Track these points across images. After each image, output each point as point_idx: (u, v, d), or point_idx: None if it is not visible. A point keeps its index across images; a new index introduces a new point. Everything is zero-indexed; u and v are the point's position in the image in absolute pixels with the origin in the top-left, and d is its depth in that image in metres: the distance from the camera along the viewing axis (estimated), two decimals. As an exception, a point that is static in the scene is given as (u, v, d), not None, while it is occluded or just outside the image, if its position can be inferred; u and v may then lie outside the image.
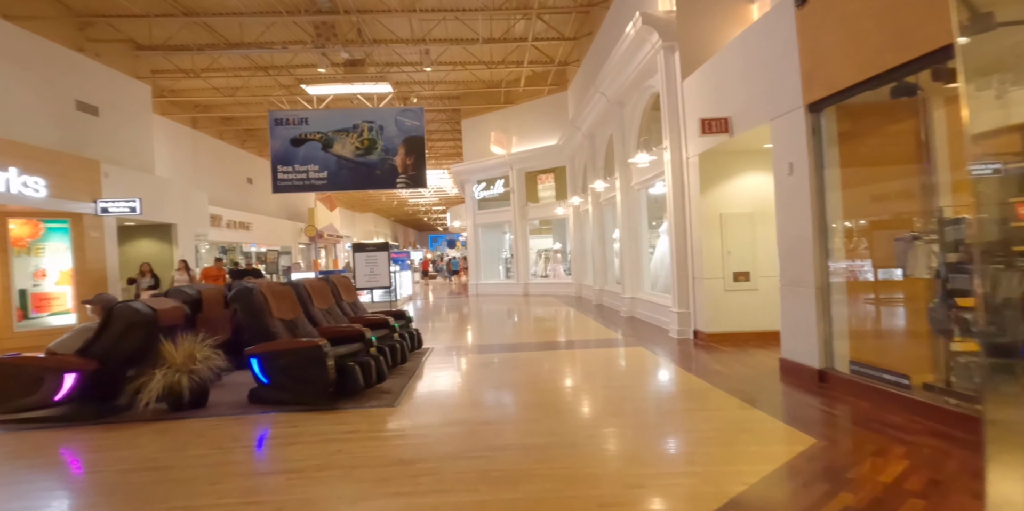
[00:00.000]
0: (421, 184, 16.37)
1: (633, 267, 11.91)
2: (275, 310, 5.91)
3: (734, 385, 5.67)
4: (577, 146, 16.93)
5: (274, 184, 15.85)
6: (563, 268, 20.01)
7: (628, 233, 11.97)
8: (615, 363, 7.35)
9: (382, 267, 12.84)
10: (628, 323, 11.00)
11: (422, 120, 16.47)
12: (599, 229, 14.97)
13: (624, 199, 12.00)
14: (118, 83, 14.00)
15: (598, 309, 13.89)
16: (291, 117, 16.08)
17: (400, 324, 8.13)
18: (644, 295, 11.53)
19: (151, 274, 12.23)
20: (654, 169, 10.14)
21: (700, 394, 5.43)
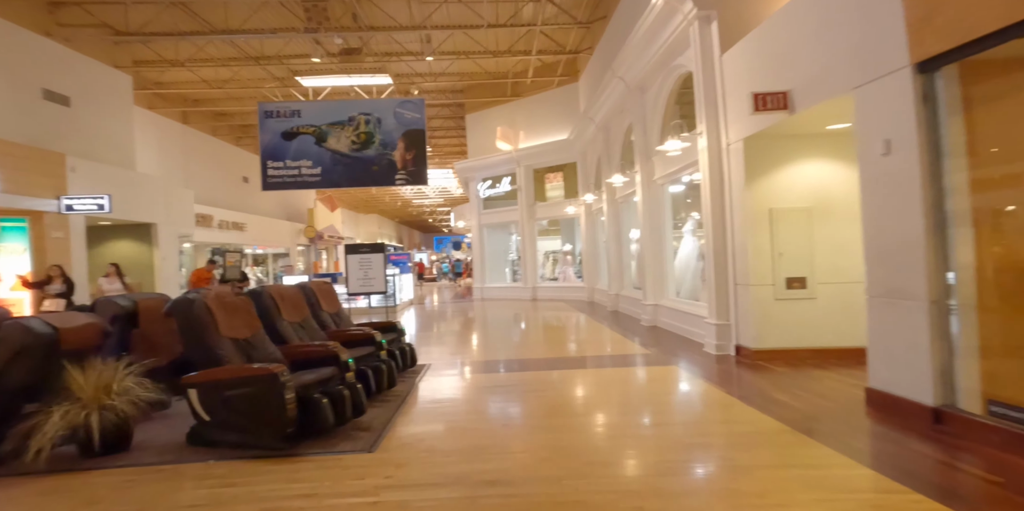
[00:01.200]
0: (422, 181, 15.09)
1: (656, 271, 10.57)
2: (223, 327, 4.61)
3: (814, 424, 4.33)
4: (589, 140, 15.62)
5: (264, 181, 14.61)
6: (573, 271, 18.68)
7: (650, 233, 10.63)
8: (650, 388, 6.02)
9: (377, 270, 11.56)
10: (652, 334, 9.66)
11: (423, 112, 15.21)
12: (615, 228, 13.64)
13: (645, 195, 10.67)
14: (93, 72, 12.80)
15: (614, 317, 12.55)
16: (282, 109, 14.85)
17: (389, 339, 6.84)
18: (669, 302, 10.19)
19: (63, 278, 9.45)
20: (683, 160, 8.81)
21: (774, 439, 4.09)
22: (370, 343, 6.25)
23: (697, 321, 8.55)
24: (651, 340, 8.98)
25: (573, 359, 7.76)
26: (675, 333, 9.47)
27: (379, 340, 6.28)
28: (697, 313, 8.63)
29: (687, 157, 8.52)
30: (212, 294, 4.80)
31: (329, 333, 6.34)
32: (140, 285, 12.69)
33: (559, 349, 8.75)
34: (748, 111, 5.99)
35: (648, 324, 10.64)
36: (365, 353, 6.05)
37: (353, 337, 6.25)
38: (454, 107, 21.99)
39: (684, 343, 8.47)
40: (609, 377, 6.53)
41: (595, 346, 8.95)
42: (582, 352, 8.39)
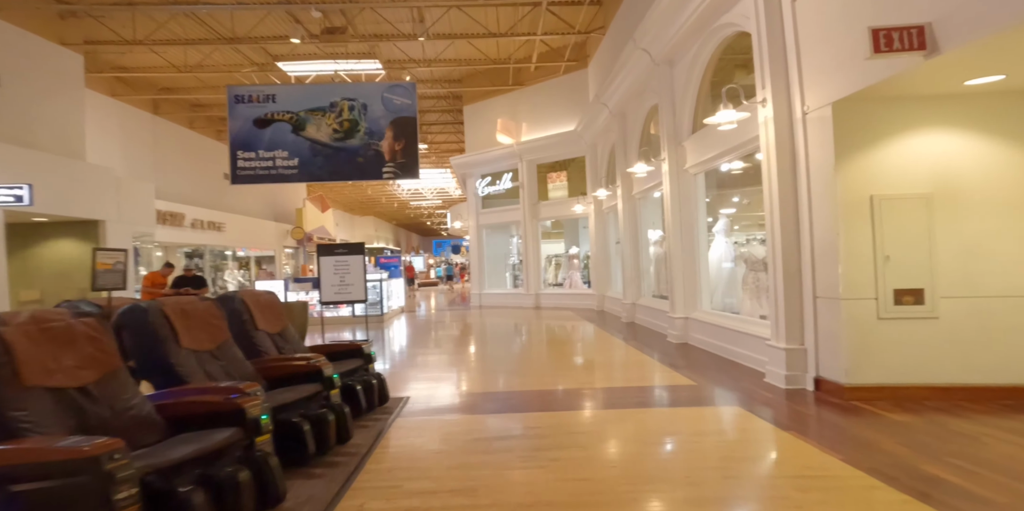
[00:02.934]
0: (413, 174, 13.25)
1: (687, 278, 8.73)
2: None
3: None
4: (601, 129, 13.79)
5: (233, 174, 12.76)
6: (579, 276, 16.82)
7: (680, 232, 8.80)
8: (720, 447, 4.15)
9: (356, 275, 9.70)
10: (686, 355, 7.80)
11: (414, 97, 13.38)
12: (632, 228, 11.80)
13: (674, 187, 8.83)
14: (31, 49, 10.96)
15: (632, 330, 10.70)
16: (255, 93, 13.02)
17: (350, 369, 5.03)
18: (705, 316, 8.35)
19: None
20: (733, 139, 6.98)
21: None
22: (315, 378, 4.40)
23: (749, 341, 6.70)
24: (689, 364, 7.12)
25: (597, 393, 5.91)
26: (716, 354, 7.61)
27: (330, 375, 4.42)
28: (750, 332, 6.78)
29: (742, 134, 6.68)
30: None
31: (258, 363, 4.46)
32: (84, 292, 10.83)
33: (576, 376, 6.89)
34: (862, 54, 4.15)
35: (677, 340, 8.79)
36: (307, 394, 4.20)
37: (291, 372, 4.40)
38: (451, 99, 20.17)
39: (733, 370, 6.61)
40: (655, 425, 4.67)
41: (621, 372, 7.08)
42: (607, 381, 6.52)
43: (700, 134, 8.23)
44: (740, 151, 7.15)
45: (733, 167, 8.75)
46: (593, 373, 7.06)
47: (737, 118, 5.84)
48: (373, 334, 11.83)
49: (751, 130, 6.42)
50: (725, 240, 9.12)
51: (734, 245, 9.33)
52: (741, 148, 7.01)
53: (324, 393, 4.40)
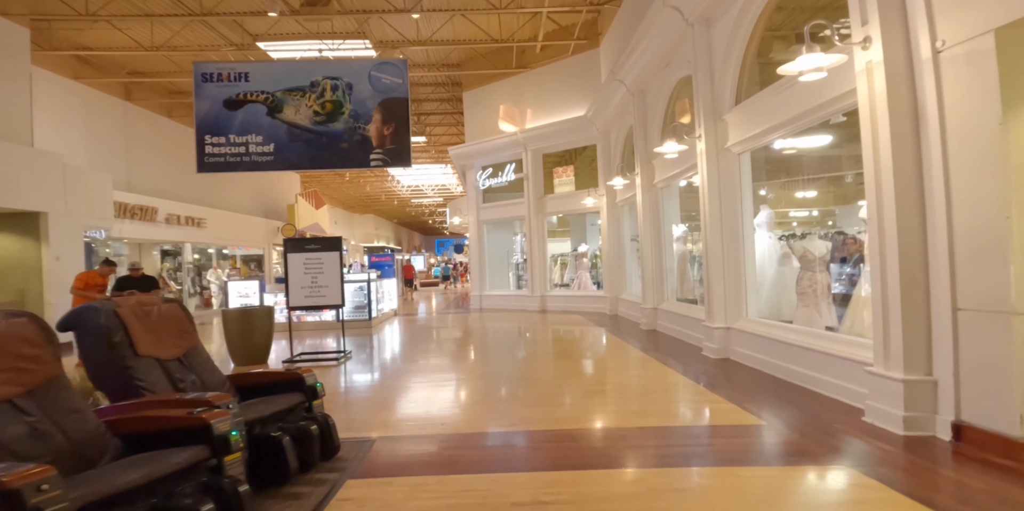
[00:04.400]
0: (404, 162, 11.61)
1: (729, 281, 7.08)
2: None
3: None
4: (615, 113, 12.13)
5: (199, 161, 11.11)
6: (589, 276, 15.16)
7: (719, 226, 7.14)
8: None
9: (331, 275, 8.06)
10: (731, 375, 6.14)
11: (405, 76, 11.72)
12: (653, 223, 10.14)
13: (712, 170, 7.17)
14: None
15: (654, 339, 9.04)
16: (225, 71, 11.37)
17: (273, 413, 3.45)
18: (752, 326, 6.69)
19: None
20: (799, 103, 5.33)
21: None
22: (296, 387, 3.50)
23: (827, 363, 5.06)
24: (742, 390, 5.45)
25: (632, 435, 4.25)
26: (773, 376, 5.94)
27: (221, 432, 2.75)
28: (827, 350, 5.11)
29: (808, 97, 5.02)
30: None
31: (103, 415, 2.81)
32: (21, 294, 9.23)
33: (598, 406, 5.25)
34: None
35: (715, 355, 7.12)
36: (287, 406, 2.82)
37: (267, 380, 3.18)
38: (450, 87, 18.52)
39: (805, 399, 4.95)
40: (733, 500, 3.02)
41: (656, 400, 5.42)
42: (641, 415, 4.86)
43: (747, 105, 6.57)
44: (808, 119, 5.48)
45: (786, 146, 7.10)
46: (620, 402, 5.39)
47: (829, 63, 4.16)
48: (356, 343, 10.20)
49: (830, 88, 4.76)
50: (768, 235, 7.48)
51: (781, 240, 7.68)
52: (811, 114, 5.34)
53: (307, 404, 3.81)
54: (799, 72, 4.30)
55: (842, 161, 8.38)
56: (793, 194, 10.91)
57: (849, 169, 10.50)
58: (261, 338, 7.90)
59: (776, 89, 5.85)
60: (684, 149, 7.55)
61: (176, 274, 16.94)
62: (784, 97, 5.72)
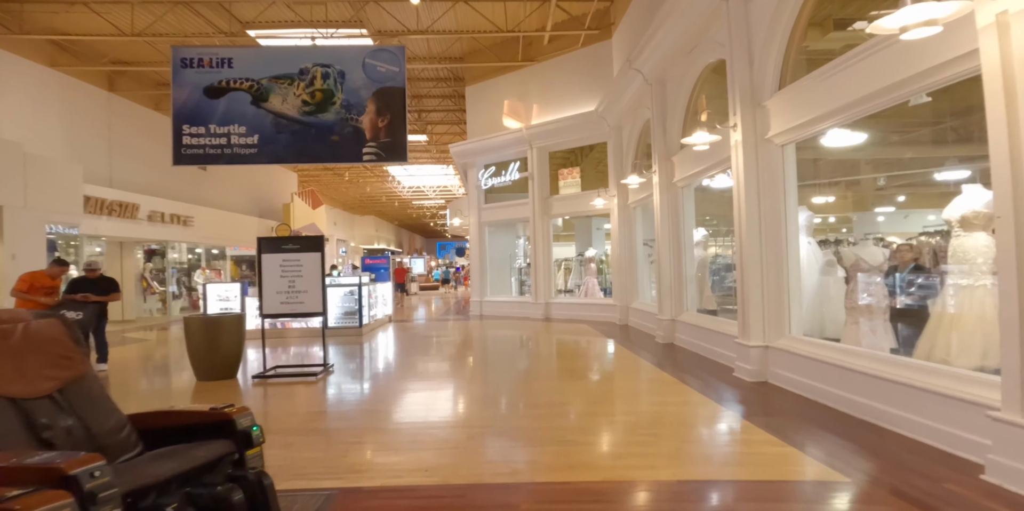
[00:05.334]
0: (399, 156, 10.60)
1: (768, 294, 6.05)
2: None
3: None
4: (629, 107, 11.12)
5: (176, 152, 10.13)
6: (596, 282, 14.12)
7: (757, 229, 6.12)
8: None
9: (311, 280, 7.05)
10: (779, 406, 5.10)
11: (402, 64, 10.72)
12: (672, 226, 9.11)
13: (749, 164, 6.15)
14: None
15: (673, 355, 8.00)
16: (207, 56, 10.39)
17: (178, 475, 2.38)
18: (800, 347, 5.64)
19: None
20: (878, 77, 4.31)
21: None
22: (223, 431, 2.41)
23: (908, 398, 4.02)
24: (803, 429, 4.41)
25: (680, 493, 3.22)
26: (833, 408, 4.89)
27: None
28: (912, 382, 4.07)
29: (896, 68, 4.00)
30: None
31: None
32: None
33: (627, 446, 4.22)
34: None
35: (751, 378, 6.08)
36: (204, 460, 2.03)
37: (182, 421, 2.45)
38: (452, 82, 17.53)
39: (891, 443, 3.90)
40: None
41: (697, 439, 4.37)
42: (683, 462, 3.82)
43: (795, 89, 5.56)
44: (881, 100, 4.46)
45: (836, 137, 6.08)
46: (649, 439, 4.34)
47: (946, 14, 3.13)
48: (344, 353, 9.18)
49: (925, 56, 3.76)
50: (807, 240, 6.46)
51: (825, 246, 6.66)
52: (889, 93, 4.32)
53: (238, 455, 2.72)
54: (900, 28, 3.27)
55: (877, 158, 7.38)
56: (830, 195, 9.90)
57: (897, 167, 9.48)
58: (229, 350, 6.88)
59: (838, 66, 4.84)
60: (716, 140, 6.51)
61: (161, 275, 15.94)
62: (848, 75, 4.70)
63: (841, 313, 6.25)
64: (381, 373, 7.65)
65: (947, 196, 11.14)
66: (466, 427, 4.83)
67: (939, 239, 5.50)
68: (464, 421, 5.04)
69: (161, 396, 6.37)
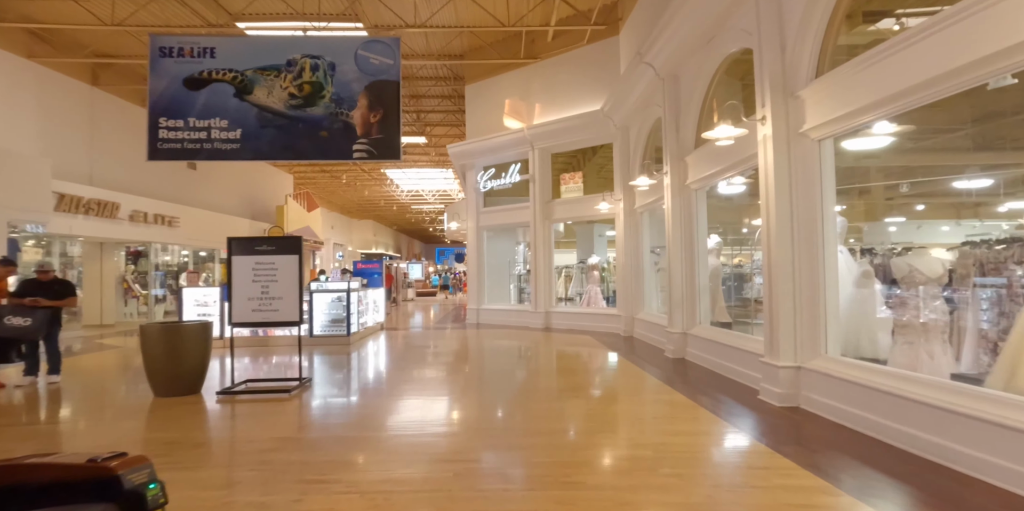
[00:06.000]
0: (392, 154, 9.86)
1: (802, 309, 5.30)
2: None
3: None
4: (637, 105, 10.42)
5: (151, 147, 9.39)
6: (600, 291, 13.37)
7: (788, 233, 5.38)
8: None
9: (287, 285, 6.31)
10: (821, 438, 4.33)
11: (397, 56, 10.01)
12: (685, 232, 8.37)
13: (780, 163, 5.42)
14: None
15: (685, 371, 7.24)
16: (188, 45, 9.67)
17: None
18: (839, 369, 4.88)
19: None
20: (947, 59, 3.59)
21: None
22: None
23: (994, 438, 3.26)
24: (859, 472, 3.64)
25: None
26: (883, 442, 4.12)
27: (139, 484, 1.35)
28: (991, 418, 3.32)
29: (975, 43, 3.27)
30: None
31: None
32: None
33: (654, 493, 3.45)
34: None
35: (781, 402, 5.33)
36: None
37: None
38: (452, 82, 16.84)
39: (976, 494, 3.14)
40: None
41: (736, 487, 3.59)
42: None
43: (836, 76, 4.85)
44: (949, 84, 3.74)
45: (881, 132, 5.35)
46: (678, 486, 3.56)
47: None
48: (330, 363, 8.42)
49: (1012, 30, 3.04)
50: (840, 248, 5.72)
51: (865, 255, 5.93)
52: (960, 76, 3.60)
53: None
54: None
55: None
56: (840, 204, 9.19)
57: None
58: (192, 362, 6.12)
59: (893, 46, 4.12)
60: (742, 134, 5.78)
61: (144, 278, 15.18)
62: (906, 56, 3.98)
63: (879, 330, 5.53)
64: (363, 390, 6.87)
65: (963, 207, 10.27)
66: (453, 461, 4.06)
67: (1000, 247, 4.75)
68: (451, 453, 4.27)
69: (103, 418, 5.60)
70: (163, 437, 4.75)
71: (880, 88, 4.33)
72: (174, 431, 4.91)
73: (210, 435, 4.79)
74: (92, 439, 4.79)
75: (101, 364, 8.78)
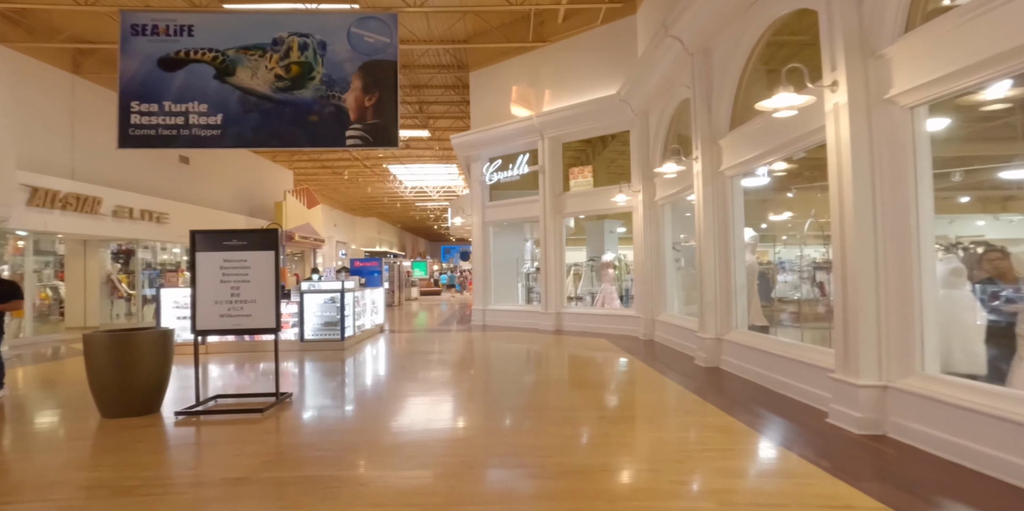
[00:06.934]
0: (389, 141, 8.83)
1: (887, 315, 4.22)
2: None
3: None
4: (659, 86, 9.32)
5: (122, 133, 8.37)
6: (615, 291, 12.29)
7: (871, 221, 4.30)
8: None
9: (261, 286, 5.28)
10: (934, 484, 3.26)
11: (394, 34, 8.99)
12: (719, 225, 7.29)
13: (859, 132, 4.34)
14: None
15: (721, 382, 6.17)
16: (162, 22, 8.66)
17: None
18: (948, 393, 3.80)
19: None
20: None
21: None
22: None
23: None
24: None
25: None
26: (1016, 486, 3.07)
27: None
28: None
29: None
30: None
31: None
32: None
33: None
34: None
35: (861, 429, 4.26)
36: None
37: None
38: (456, 70, 15.76)
39: None
40: None
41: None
42: None
43: (935, 28, 3.77)
44: None
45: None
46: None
47: None
48: (322, 371, 7.38)
49: None
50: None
51: (959, 249, 4.86)
52: None
53: None
54: None
55: None
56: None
57: None
58: (147, 377, 5.10)
59: None
60: (808, 102, 4.68)
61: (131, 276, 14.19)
62: None
63: (976, 340, 4.46)
64: (351, 408, 5.83)
65: (990, 201, 8.92)
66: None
67: None
68: (447, 503, 3.21)
69: (26, 447, 4.56)
70: (85, 478, 3.72)
71: (1001, 40, 3.26)
72: (104, 468, 3.89)
73: (147, 474, 3.75)
74: None
75: (65, 374, 7.77)
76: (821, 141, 4.82)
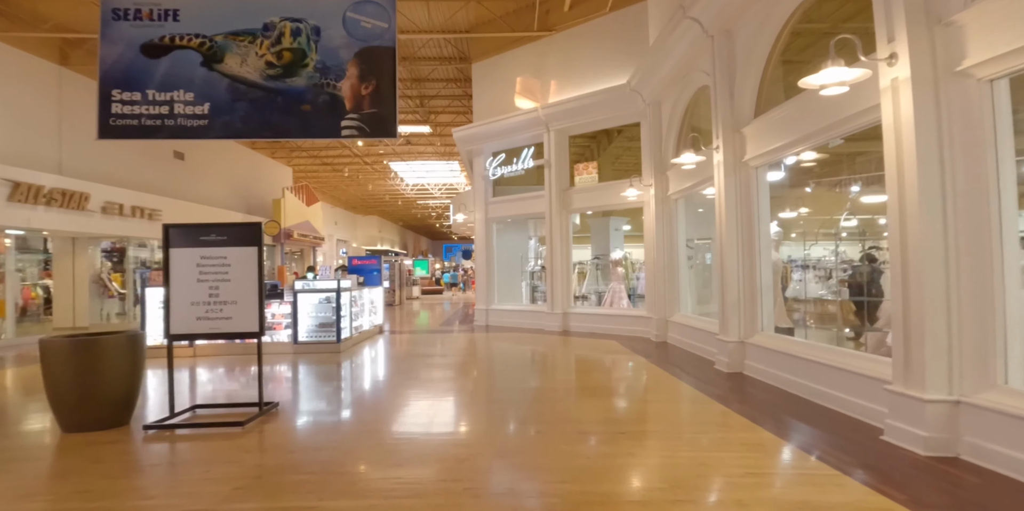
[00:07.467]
0: (387, 131, 8.20)
1: (961, 318, 3.61)
2: None
3: None
4: (673, 73, 8.70)
5: (103, 123, 7.75)
6: (624, 290, 11.69)
7: (939, 213, 3.70)
8: None
9: (243, 286, 4.70)
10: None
11: (392, 19, 8.37)
12: (743, 218, 6.68)
13: (923, 110, 3.73)
14: None
15: (748, 390, 5.57)
16: (145, 6, 8.02)
17: None
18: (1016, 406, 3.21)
19: None
20: None
21: None
22: None
23: None
24: None
25: None
26: None
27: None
28: None
29: None
30: None
31: None
32: None
33: None
34: None
35: (928, 451, 3.67)
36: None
37: None
38: (458, 63, 15.14)
39: None
40: None
41: None
42: None
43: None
44: None
45: None
46: None
47: None
48: (317, 375, 6.79)
49: None
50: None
51: None
52: None
53: None
54: None
55: None
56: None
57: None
58: (114, 387, 4.51)
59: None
60: (863, 77, 4.05)
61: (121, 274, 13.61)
62: None
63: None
64: (343, 418, 5.24)
65: None
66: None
67: None
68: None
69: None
70: (21, 510, 3.13)
71: None
72: (45, 498, 3.30)
73: (94, 505, 3.16)
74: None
75: (42, 380, 7.17)
76: (873, 122, 4.22)
